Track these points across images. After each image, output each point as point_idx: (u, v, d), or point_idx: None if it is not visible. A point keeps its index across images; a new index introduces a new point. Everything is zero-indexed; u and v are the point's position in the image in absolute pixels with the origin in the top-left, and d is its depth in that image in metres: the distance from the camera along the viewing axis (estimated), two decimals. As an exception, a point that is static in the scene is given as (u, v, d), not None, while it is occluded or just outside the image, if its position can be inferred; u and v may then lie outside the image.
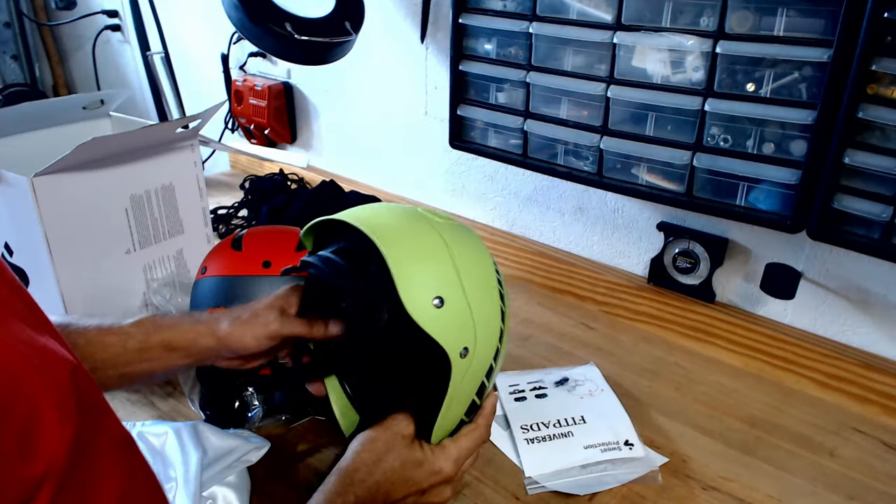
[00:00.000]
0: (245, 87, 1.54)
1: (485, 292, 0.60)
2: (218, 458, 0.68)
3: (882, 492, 0.72)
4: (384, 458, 0.58)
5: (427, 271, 0.57)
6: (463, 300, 0.57)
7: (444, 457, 0.60)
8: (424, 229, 0.59)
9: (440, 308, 0.56)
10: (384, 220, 0.59)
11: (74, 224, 0.81)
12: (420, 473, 0.59)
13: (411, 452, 0.59)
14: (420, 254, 0.57)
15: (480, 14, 0.99)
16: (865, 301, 0.87)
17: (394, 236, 0.57)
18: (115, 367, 0.62)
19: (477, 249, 0.62)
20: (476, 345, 0.57)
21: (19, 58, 2.16)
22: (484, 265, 0.61)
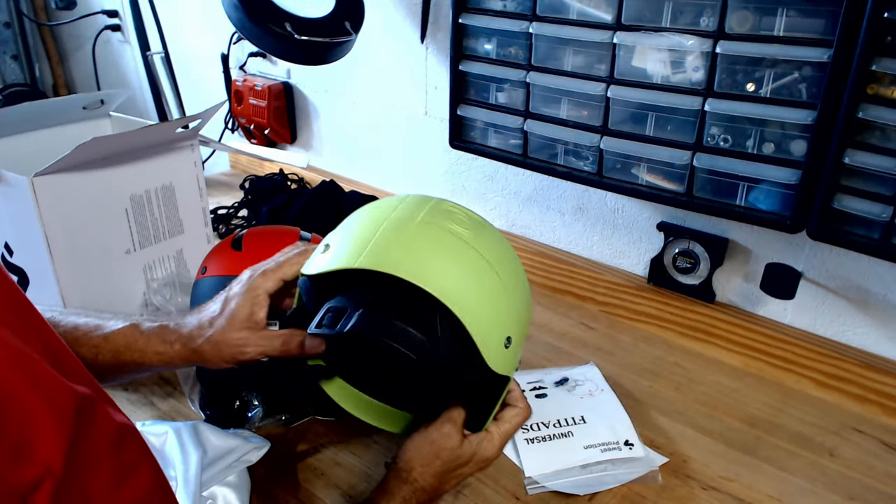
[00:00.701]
0: (245, 87, 1.54)
1: (527, 300, 0.63)
2: (218, 458, 0.68)
3: (882, 492, 0.72)
4: (439, 456, 0.60)
5: (499, 318, 0.57)
6: (522, 330, 0.60)
7: (490, 446, 0.62)
8: (473, 261, 0.57)
9: (508, 347, 0.57)
10: (437, 266, 0.55)
11: (74, 224, 0.81)
12: (471, 466, 0.62)
13: (463, 449, 0.61)
14: (488, 301, 0.56)
15: (480, 14, 0.99)
16: (865, 301, 0.87)
17: (459, 290, 0.55)
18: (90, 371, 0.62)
19: (505, 248, 0.62)
20: (517, 336, 0.60)
21: (19, 58, 2.16)
22: (515, 261, 0.62)
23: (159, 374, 0.87)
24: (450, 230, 0.58)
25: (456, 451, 0.60)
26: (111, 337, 0.62)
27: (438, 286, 0.54)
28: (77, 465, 0.36)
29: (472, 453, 0.61)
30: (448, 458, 0.60)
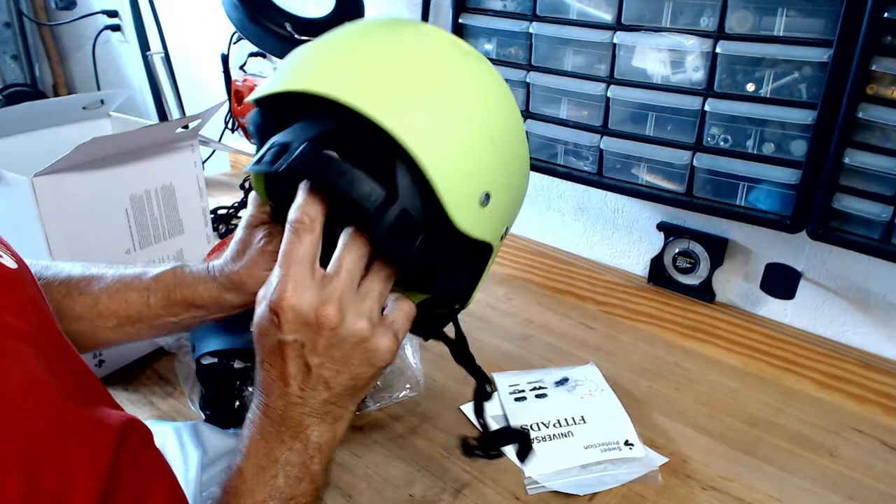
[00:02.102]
0: (245, 87, 1.54)
1: (522, 154, 0.51)
2: (218, 458, 0.68)
3: (882, 492, 0.72)
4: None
5: (473, 165, 0.45)
6: (507, 184, 0.48)
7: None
8: (449, 91, 0.46)
9: (487, 204, 0.47)
10: (384, 84, 0.44)
11: (74, 224, 0.81)
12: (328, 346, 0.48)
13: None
14: (459, 140, 0.45)
15: (480, 14, 0.99)
16: (865, 301, 0.87)
17: (414, 116, 0.43)
18: (142, 321, 0.63)
19: (498, 88, 0.50)
20: (513, 219, 0.52)
21: (19, 58, 2.16)
22: (517, 122, 0.51)
23: (159, 374, 0.87)
24: (422, 50, 0.47)
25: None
26: (160, 276, 0.63)
27: (388, 112, 0.43)
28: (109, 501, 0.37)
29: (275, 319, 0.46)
30: (262, 341, 0.47)
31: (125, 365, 0.87)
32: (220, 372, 0.75)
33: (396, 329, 0.49)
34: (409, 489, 0.70)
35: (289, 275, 0.45)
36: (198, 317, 0.64)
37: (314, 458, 0.48)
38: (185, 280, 0.63)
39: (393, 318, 0.50)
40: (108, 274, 0.64)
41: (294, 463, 0.48)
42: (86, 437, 0.38)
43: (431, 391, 0.85)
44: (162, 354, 0.90)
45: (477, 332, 0.99)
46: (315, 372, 0.47)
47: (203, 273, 0.63)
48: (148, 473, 0.42)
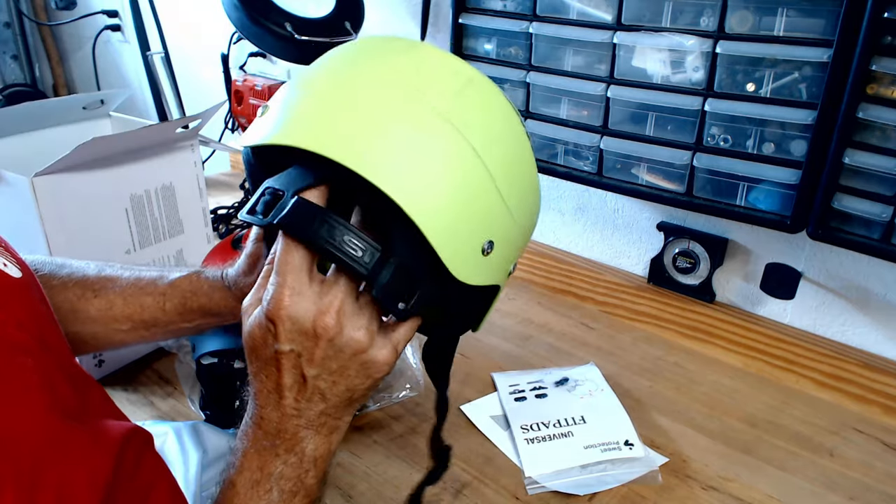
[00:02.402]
0: (245, 87, 1.54)
1: (528, 192, 0.49)
2: (218, 458, 0.68)
3: (882, 492, 0.72)
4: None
5: (470, 215, 0.44)
6: (513, 226, 0.47)
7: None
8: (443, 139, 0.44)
9: (490, 252, 0.45)
10: (376, 139, 0.43)
11: (74, 224, 0.81)
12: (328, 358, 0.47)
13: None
14: (454, 191, 0.43)
15: (480, 14, 0.99)
16: (865, 301, 0.87)
17: (407, 173, 0.42)
18: (157, 326, 0.63)
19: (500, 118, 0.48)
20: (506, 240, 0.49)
21: (19, 58, 2.16)
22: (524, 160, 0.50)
23: (159, 374, 0.87)
24: (417, 96, 0.45)
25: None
26: (176, 283, 0.63)
27: (381, 171, 0.42)
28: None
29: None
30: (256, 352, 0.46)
31: (125, 365, 0.87)
32: (220, 372, 0.75)
33: (396, 341, 0.48)
34: (409, 489, 0.70)
35: (285, 282, 0.43)
36: (213, 323, 0.64)
37: (309, 472, 0.47)
38: (202, 288, 0.63)
39: (394, 329, 0.48)
40: (124, 277, 0.64)
41: (289, 477, 0.47)
42: (84, 455, 0.38)
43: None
44: (162, 354, 0.90)
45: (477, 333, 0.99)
46: (311, 383, 0.45)
47: (218, 281, 0.63)
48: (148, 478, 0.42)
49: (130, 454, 0.41)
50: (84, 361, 0.83)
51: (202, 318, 0.63)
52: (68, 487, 0.36)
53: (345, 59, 0.49)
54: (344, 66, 0.48)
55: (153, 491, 0.42)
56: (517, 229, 0.49)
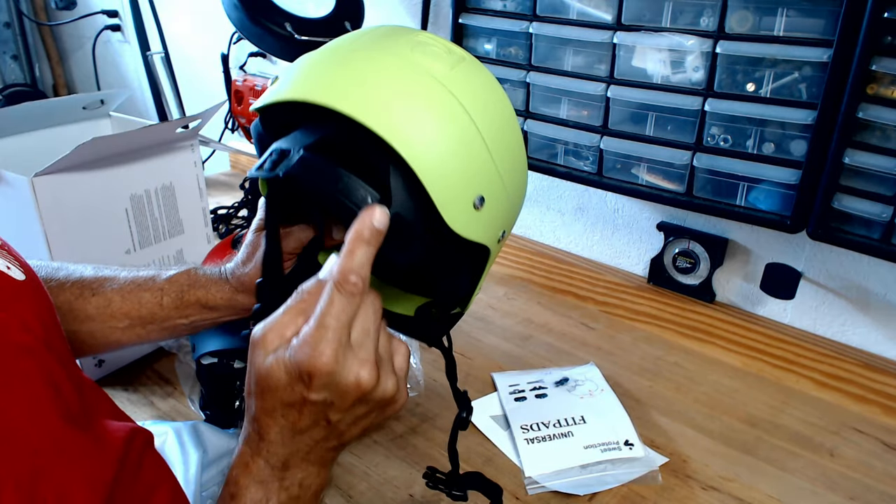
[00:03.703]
0: (245, 87, 1.54)
1: (516, 159, 0.51)
2: (218, 458, 0.68)
3: (882, 492, 0.72)
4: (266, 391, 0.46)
5: (465, 169, 0.46)
6: (501, 189, 0.48)
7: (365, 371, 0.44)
8: (438, 100, 0.47)
9: (481, 208, 0.47)
10: (385, 99, 0.46)
11: (74, 224, 0.81)
12: (350, 411, 0.46)
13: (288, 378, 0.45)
14: (450, 145, 0.46)
15: (480, 14, 0.99)
16: (865, 301, 0.87)
17: (406, 123, 0.45)
18: (153, 323, 0.63)
19: (491, 90, 0.51)
20: (510, 224, 0.51)
21: (19, 58, 2.16)
22: (511, 126, 0.51)
23: (159, 374, 0.87)
24: (415, 61, 0.48)
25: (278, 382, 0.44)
26: (174, 278, 0.63)
27: (382, 120, 0.44)
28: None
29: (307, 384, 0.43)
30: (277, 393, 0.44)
31: (125, 365, 0.87)
32: (220, 372, 0.75)
33: (405, 378, 0.48)
34: (409, 489, 0.70)
35: (329, 337, 0.42)
36: (208, 319, 0.64)
37: (311, 502, 0.48)
38: (199, 281, 0.63)
39: (400, 366, 0.48)
40: (122, 276, 0.64)
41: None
42: (86, 457, 0.38)
43: (431, 391, 0.85)
44: (162, 354, 0.90)
45: (477, 332, 0.99)
46: (333, 427, 0.45)
47: (216, 275, 0.64)
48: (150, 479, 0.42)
49: (133, 455, 0.41)
50: (84, 362, 0.83)
51: (199, 312, 0.63)
52: (69, 490, 0.36)
53: (346, 37, 0.52)
54: (345, 41, 0.52)
55: (156, 491, 0.42)
56: (505, 193, 0.50)
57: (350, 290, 0.43)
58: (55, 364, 0.40)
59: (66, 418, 0.38)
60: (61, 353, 0.42)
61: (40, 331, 0.41)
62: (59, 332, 0.44)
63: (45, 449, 0.36)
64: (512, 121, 0.52)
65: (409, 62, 0.48)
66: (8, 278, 0.42)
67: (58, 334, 0.44)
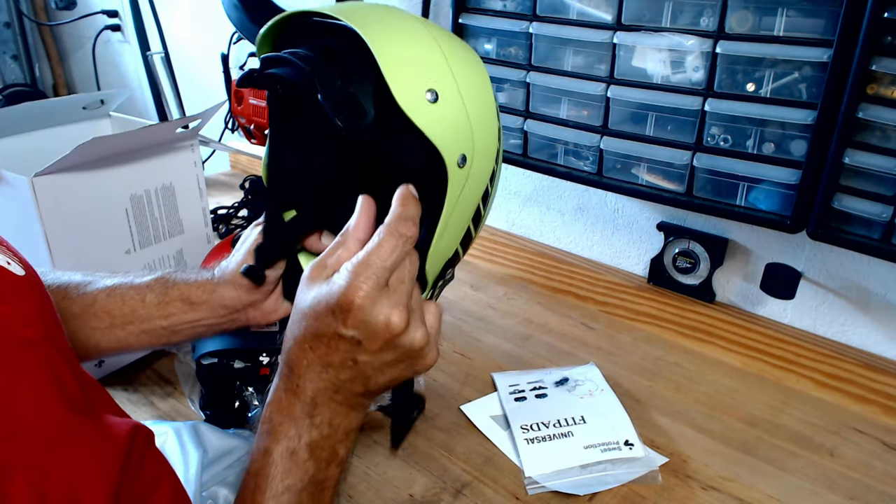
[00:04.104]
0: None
1: (481, 98, 0.52)
2: (218, 458, 0.68)
3: (882, 492, 0.72)
4: (300, 316, 0.47)
5: (417, 59, 0.49)
6: (458, 97, 0.49)
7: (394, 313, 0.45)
8: (407, 18, 0.52)
9: (434, 104, 0.48)
10: (359, 7, 0.51)
11: (74, 224, 0.81)
12: (379, 353, 0.46)
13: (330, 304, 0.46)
14: (406, 40, 0.49)
15: (480, 14, 0.99)
16: (865, 301, 0.87)
17: (372, 20, 0.49)
18: (133, 323, 0.63)
19: (468, 51, 0.54)
20: (474, 155, 0.50)
21: (19, 58, 2.16)
22: (477, 69, 0.53)
23: (159, 374, 0.87)
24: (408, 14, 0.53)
25: (318, 305, 0.45)
26: (160, 276, 0.64)
27: (339, 10, 0.48)
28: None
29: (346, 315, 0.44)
30: (311, 323, 0.46)
31: (125, 365, 0.87)
32: (220, 372, 0.75)
33: (437, 338, 0.49)
34: (409, 489, 0.70)
35: (373, 274, 0.44)
36: (189, 321, 0.63)
37: (342, 443, 0.49)
38: (184, 277, 0.64)
39: (431, 324, 0.49)
40: (112, 278, 0.65)
41: (324, 447, 0.48)
42: (93, 448, 0.38)
43: (431, 391, 0.85)
44: (162, 354, 0.90)
45: (477, 332, 0.99)
46: (360, 369, 0.46)
47: (202, 273, 0.64)
48: (152, 476, 0.42)
49: (136, 450, 0.41)
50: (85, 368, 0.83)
51: (180, 311, 0.63)
52: (79, 478, 0.36)
53: None
54: None
55: (158, 487, 0.42)
56: (463, 111, 0.50)
57: (402, 233, 0.45)
58: (58, 358, 0.40)
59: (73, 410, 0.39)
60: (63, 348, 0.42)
61: (41, 326, 0.41)
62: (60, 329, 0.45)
63: (53, 438, 0.36)
64: (485, 77, 0.53)
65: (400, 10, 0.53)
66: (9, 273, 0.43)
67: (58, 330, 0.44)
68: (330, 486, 0.49)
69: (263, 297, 0.64)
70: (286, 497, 0.47)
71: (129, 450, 0.40)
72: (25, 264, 0.47)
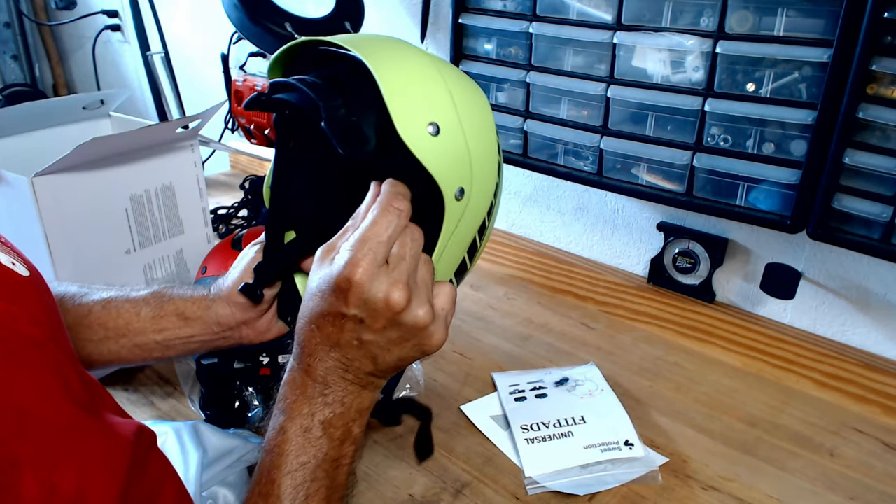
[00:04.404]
0: (245, 87, 1.53)
1: (483, 133, 0.53)
2: (218, 458, 0.68)
3: (882, 492, 0.72)
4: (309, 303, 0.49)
5: (421, 92, 0.50)
6: (459, 132, 0.50)
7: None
8: (414, 51, 0.53)
9: (435, 137, 0.49)
10: (367, 38, 0.53)
11: (74, 224, 0.81)
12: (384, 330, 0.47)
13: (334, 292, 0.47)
14: (411, 72, 0.50)
15: (480, 14, 0.99)
16: (865, 301, 0.87)
17: (378, 51, 0.50)
18: (126, 336, 0.63)
19: (473, 88, 0.55)
20: (472, 188, 0.51)
21: (19, 58, 2.16)
22: (481, 105, 0.54)
23: (159, 374, 0.87)
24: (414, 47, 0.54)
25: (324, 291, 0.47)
26: (156, 290, 0.65)
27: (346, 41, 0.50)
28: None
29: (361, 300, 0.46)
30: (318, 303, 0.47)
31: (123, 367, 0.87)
32: (220, 372, 0.75)
33: (447, 319, 0.50)
34: (409, 489, 0.70)
35: (369, 250, 0.45)
36: (182, 337, 0.64)
37: (356, 421, 0.49)
38: (180, 291, 0.64)
39: (441, 305, 0.50)
40: (108, 291, 0.65)
41: (337, 425, 0.48)
42: (101, 445, 0.38)
43: (431, 391, 0.85)
44: (162, 354, 0.90)
45: (477, 332, 0.99)
46: (366, 348, 0.47)
47: (199, 290, 0.65)
48: (156, 477, 0.42)
49: (141, 452, 0.41)
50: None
51: (174, 326, 0.63)
52: (87, 476, 0.36)
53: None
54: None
55: (162, 490, 0.42)
56: (464, 146, 0.51)
57: (396, 207, 0.47)
58: (63, 358, 0.40)
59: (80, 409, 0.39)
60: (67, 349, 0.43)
61: (47, 326, 0.41)
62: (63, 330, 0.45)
63: (62, 436, 0.36)
64: (487, 111, 0.54)
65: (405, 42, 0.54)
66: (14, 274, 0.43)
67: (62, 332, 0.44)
68: (345, 463, 0.50)
69: (258, 316, 0.64)
70: (301, 473, 0.47)
71: (135, 450, 0.40)
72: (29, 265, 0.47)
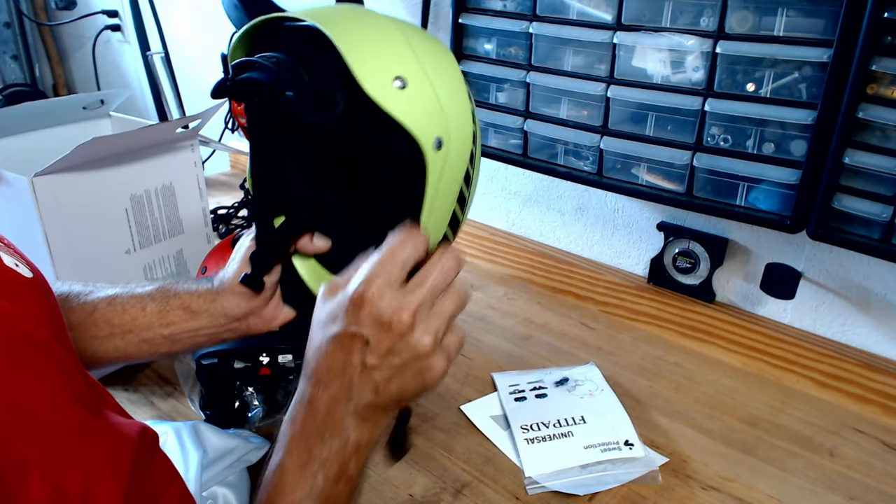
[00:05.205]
0: (245, 87, 1.53)
1: (450, 82, 0.52)
2: (218, 458, 0.68)
3: (882, 492, 0.72)
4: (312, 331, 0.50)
5: (382, 49, 0.50)
6: (427, 83, 0.50)
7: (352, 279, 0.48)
8: (372, 14, 0.53)
9: (403, 90, 0.49)
10: (325, 8, 0.53)
11: (74, 224, 0.81)
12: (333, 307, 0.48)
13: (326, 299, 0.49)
14: (370, 32, 0.50)
15: (480, 14, 0.99)
16: (865, 301, 0.87)
17: (336, 18, 0.50)
18: (133, 332, 0.63)
19: (435, 42, 0.55)
20: (450, 137, 0.51)
21: (19, 58, 2.16)
22: (445, 56, 0.54)
23: (159, 374, 0.87)
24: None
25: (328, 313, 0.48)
26: (162, 286, 0.65)
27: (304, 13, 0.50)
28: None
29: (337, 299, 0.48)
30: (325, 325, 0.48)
31: (125, 365, 0.87)
32: (220, 372, 0.75)
33: (450, 355, 0.50)
34: (409, 489, 0.70)
35: (385, 271, 0.47)
36: (189, 330, 0.64)
37: (351, 460, 0.49)
38: (185, 286, 0.65)
39: (448, 341, 0.50)
40: (112, 288, 0.65)
41: (333, 462, 0.48)
42: (106, 446, 0.38)
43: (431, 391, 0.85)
44: (162, 354, 0.90)
45: (477, 332, 0.99)
46: (368, 373, 0.47)
47: (203, 283, 0.65)
48: (160, 479, 0.42)
49: (145, 453, 0.41)
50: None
51: (181, 319, 0.63)
52: (93, 477, 0.36)
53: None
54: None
55: (166, 491, 0.42)
56: (434, 96, 0.51)
57: (413, 237, 0.48)
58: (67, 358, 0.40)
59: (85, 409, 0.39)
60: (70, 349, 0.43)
61: (51, 327, 0.41)
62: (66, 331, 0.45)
63: (68, 436, 0.36)
64: (454, 65, 0.54)
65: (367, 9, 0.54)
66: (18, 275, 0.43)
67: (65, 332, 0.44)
68: (340, 503, 0.49)
69: (263, 304, 0.64)
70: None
71: (139, 451, 0.40)
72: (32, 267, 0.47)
